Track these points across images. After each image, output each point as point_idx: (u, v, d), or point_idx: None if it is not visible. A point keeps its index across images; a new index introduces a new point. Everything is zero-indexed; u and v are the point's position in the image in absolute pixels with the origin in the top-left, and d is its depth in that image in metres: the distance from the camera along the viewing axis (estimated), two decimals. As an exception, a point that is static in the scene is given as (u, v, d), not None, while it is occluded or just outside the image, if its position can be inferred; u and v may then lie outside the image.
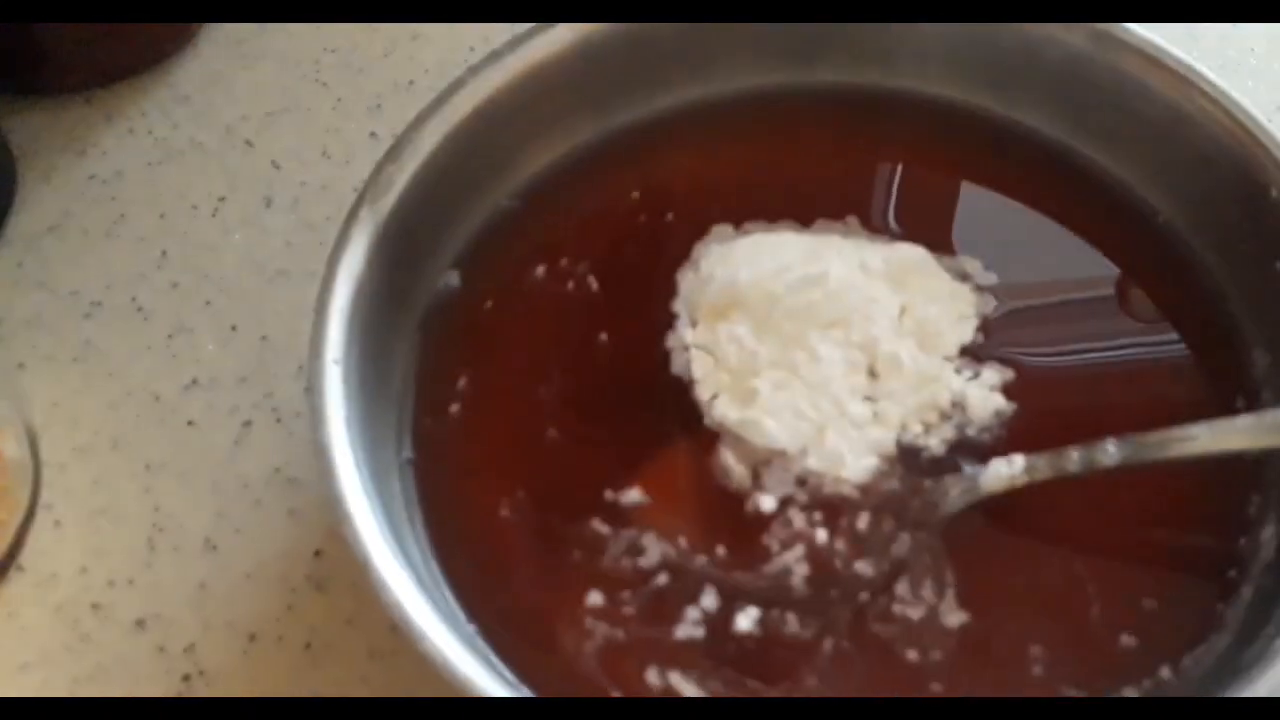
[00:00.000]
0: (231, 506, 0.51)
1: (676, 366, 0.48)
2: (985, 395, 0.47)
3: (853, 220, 0.51)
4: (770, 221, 0.51)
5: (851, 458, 0.45)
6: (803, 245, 0.49)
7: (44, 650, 0.48)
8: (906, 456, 0.46)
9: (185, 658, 0.48)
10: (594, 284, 0.51)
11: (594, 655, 0.43)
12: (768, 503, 0.45)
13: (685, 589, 0.44)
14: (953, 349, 0.48)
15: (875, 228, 0.51)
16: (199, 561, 0.50)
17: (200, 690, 0.47)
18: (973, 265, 0.50)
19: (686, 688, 0.42)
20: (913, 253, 0.49)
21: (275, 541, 0.50)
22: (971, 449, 0.46)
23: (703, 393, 0.47)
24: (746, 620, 0.43)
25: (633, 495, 0.45)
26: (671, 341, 0.49)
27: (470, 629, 0.43)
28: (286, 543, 0.50)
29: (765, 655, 0.43)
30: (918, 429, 0.46)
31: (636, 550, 0.44)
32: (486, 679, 0.39)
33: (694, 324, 0.49)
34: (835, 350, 0.47)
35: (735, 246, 0.50)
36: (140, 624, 0.48)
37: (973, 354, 0.48)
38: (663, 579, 0.44)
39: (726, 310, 0.48)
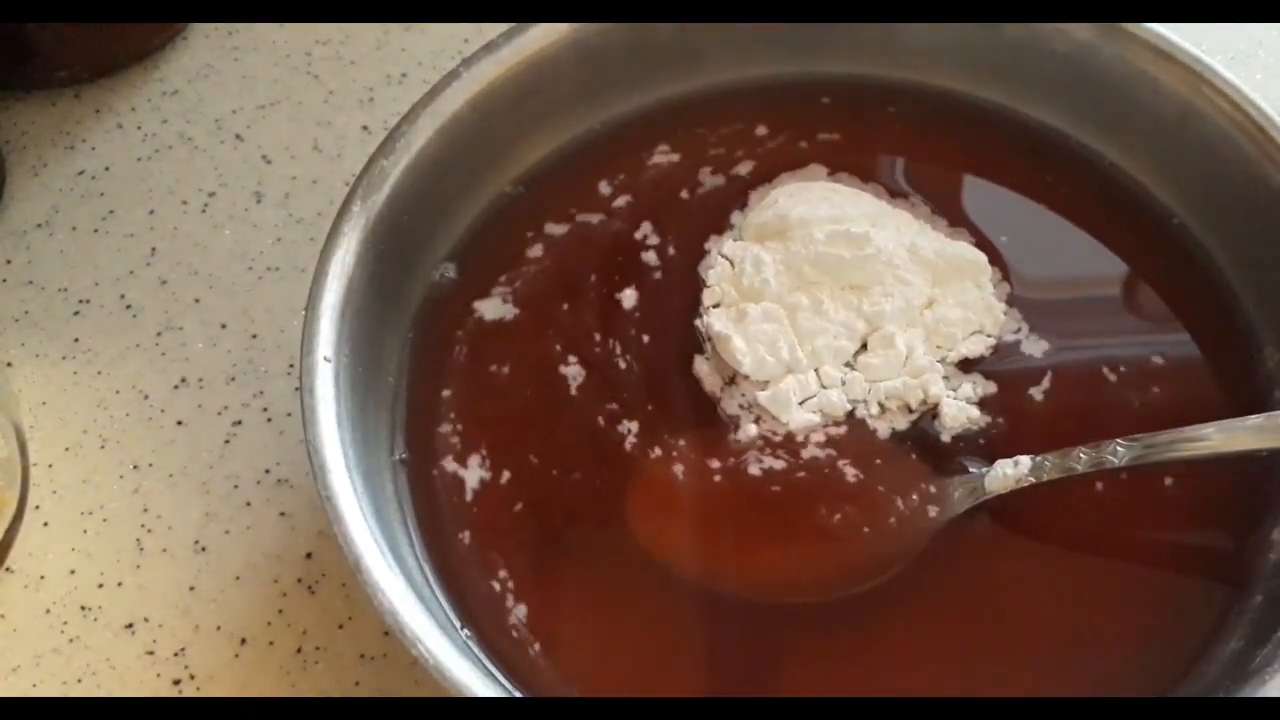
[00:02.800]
0: (221, 508, 0.50)
1: (702, 267, 0.49)
2: (960, 407, 0.46)
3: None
4: (863, 180, 0.52)
5: (797, 410, 0.46)
6: (870, 208, 0.50)
7: (34, 653, 0.47)
8: (853, 428, 0.46)
9: (175, 662, 0.47)
10: (599, 270, 0.50)
11: (586, 655, 0.43)
12: (748, 431, 0.46)
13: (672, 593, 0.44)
14: (956, 358, 0.47)
15: (954, 220, 0.51)
16: (188, 563, 0.49)
17: (191, 695, 0.46)
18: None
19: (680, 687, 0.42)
20: (971, 256, 0.49)
21: (266, 543, 0.49)
22: (922, 442, 0.46)
23: (707, 297, 0.49)
24: None
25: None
26: (712, 244, 0.50)
27: (462, 632, 0.43)
28: (277, 545, 0.49)
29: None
30: (874, 410, 0.46)
31: (630, 551, 0.44)
32: (479, 681, 0.39)
33: (738, 238, 0.50)
34: (840, 311, 0.47)
35: (812, 187, 0.51)
36: (130, 627, 0.48)
37: (965, 365, 0.48)
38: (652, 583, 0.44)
39: (769, 236, 0.49)
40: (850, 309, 0.47)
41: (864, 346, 0.47)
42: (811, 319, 0.47)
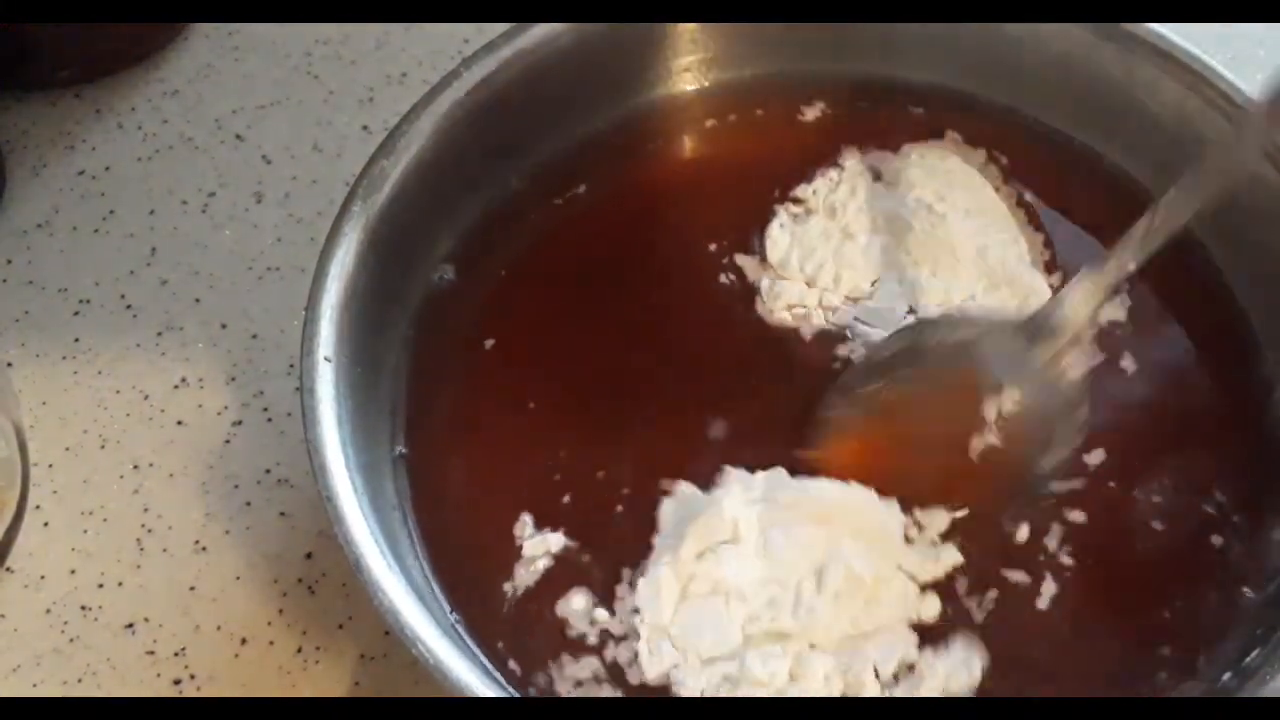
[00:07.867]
0: (221, 508, 0.50)
1: (825, 167, 0.52)
2: None
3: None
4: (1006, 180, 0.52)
5: (784, 309, 0.49)
6: (975, 199, 0.51)
7: (34, 653, 0.47)
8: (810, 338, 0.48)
9: (176, 661, 0.47)
10: (597, 272, 0.50)
11: (584, 655, 0.42)
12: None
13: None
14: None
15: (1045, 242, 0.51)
16: (189, 563, 0.49)
17: (191, 695, 0.46)
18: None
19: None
20: (1029, 279, 0.49)
21: (266, 543, 0.49)
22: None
23: (801, 190, 0.51)
24: None
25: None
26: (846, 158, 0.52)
27: (461, 631, 0.42)
28: (277, 545, 0.49)
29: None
30: (843, 351, 0.48)
31: (628, 553, 0.44)
32: (478, 681, 0.39)
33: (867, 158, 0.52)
34: (878, 265, 0.49)
35: (949, 159, 0.52)
36: (130, 627, 0.48)
37: None
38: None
39: (886, 175, 0.52)
40: (892, 267, 0.49)
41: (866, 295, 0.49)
42: (854, 253, 0.49)
